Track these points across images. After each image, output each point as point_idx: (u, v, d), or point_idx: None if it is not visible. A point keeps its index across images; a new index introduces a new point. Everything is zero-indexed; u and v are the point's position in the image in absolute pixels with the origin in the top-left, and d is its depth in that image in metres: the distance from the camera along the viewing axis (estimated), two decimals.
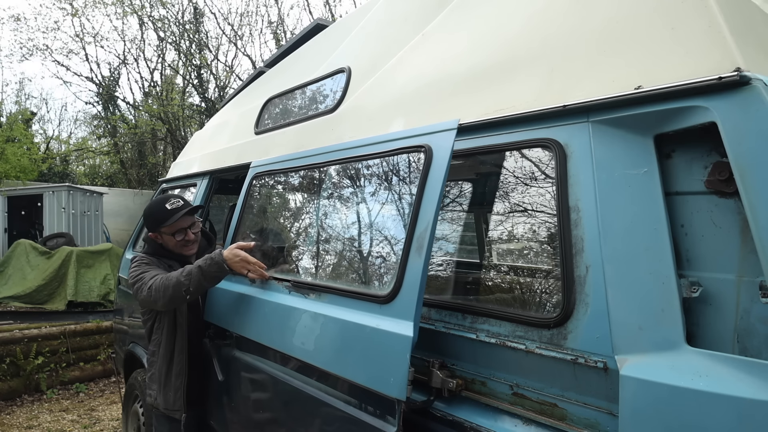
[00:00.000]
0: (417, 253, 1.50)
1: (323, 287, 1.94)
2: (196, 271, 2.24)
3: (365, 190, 1.97)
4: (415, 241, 1.52)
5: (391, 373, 1.46)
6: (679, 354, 1.13)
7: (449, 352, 1.60)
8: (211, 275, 2.25)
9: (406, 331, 1.45)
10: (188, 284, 2.23)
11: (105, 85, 19.82)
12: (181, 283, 2.24)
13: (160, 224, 2.49)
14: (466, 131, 1.64)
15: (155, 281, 2.29)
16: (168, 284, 2.26)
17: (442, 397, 1.54)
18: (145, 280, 2.33)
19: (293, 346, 1.96)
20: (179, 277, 2.26)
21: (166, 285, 2.26)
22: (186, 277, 2.24)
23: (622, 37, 1.33)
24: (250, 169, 2.70)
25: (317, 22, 3.31)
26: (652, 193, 1.25)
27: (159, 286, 2.27)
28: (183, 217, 2.48)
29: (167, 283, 2.26)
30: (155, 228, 2.54)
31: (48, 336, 6.05)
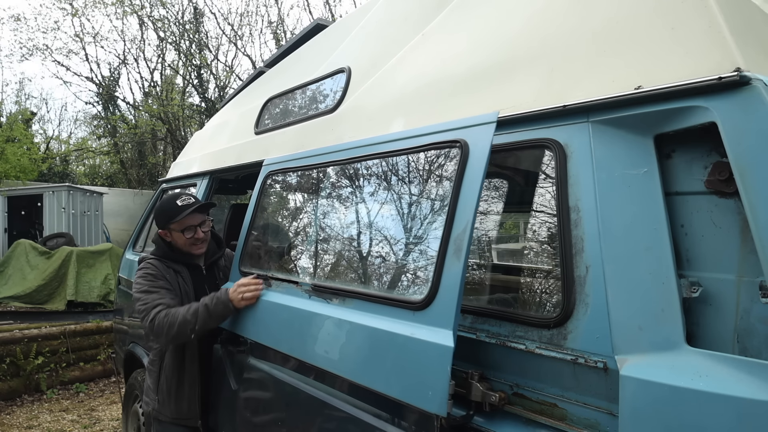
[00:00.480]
0: (455, 257, 1.41)
1: (348, 291, 1.83)
2: (202, 310, 2.20)
3: (390, 188, 1.86)
4: (452, 244, 1.43)
5: (429, 387, 1.36)
6: (679, 354, 1.13)
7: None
8: (218, 314, 2.22)
9: (445, 341, 1.35)
10: (194, 323, 2.19)
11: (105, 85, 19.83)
12: (187, 322, 2.19)
13: (170, 220, 2.43)
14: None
15: (159, 315, 2.20)
16: (173, 321, 2.18)
17: (482, 411, 1.43)
18: (148, 307, 2.25)
19: (315, 354, 1.86)
20: (185, 315, 2.20)
21: (171, 323, 2.18)
22: (192, 315, 2.19)
23: (622, 38, 1.33)
24: (263, 167, 2.59)
25: (317, 22, 3.31)
26: (652, 193, 1.25)
27: (163, 322, 2.19)
28: (193, 214, 2.42)
29: (172, 320, 2.18)
30: (165, 224, 2.47)
31: (48, 336, 6.05)
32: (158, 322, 2.18)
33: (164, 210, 2.49)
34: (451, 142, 1.56)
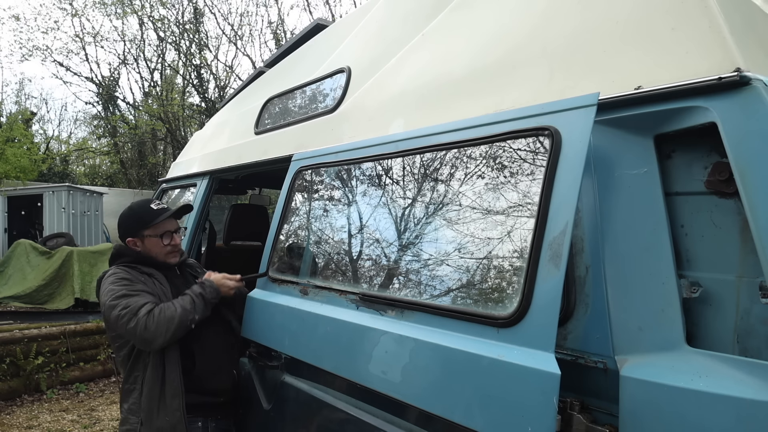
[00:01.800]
0: (552, 264, 1.20)
1: (407, 303, 1.59)
2: (198, 299, 2.05)
3: (458, 184, 1.60)
4: (547, 249, 1.22)
5: (527, 420, 1.16)
6: (679, 354, 1.13)
7: None
8: (212, 302, 2.11)
9: (546, 366, 1.14)
10: (194, 313, 2.02)
11: (105, 85, 19.83)
12: (187, 312, 2.00)
13: (145, 225, 2.20)
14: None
15: (153, 313, 1.95)
16: (172, 315, 1.96)
17: None
18: (131, 311, 1.95)
19: (368, 374, 1.63)
20: (183, 305, 2.01)
21: (170, 317, 1.96)
22: (190, 305, 2.02)
23: (622, 37, 1.33)
24: (292, 162, 2.38)
25: (317, 22, 3.31)
26: (652, 193, 1.24)
27: (160, 319, 1.94)
28: (170, 219, 2.25)
29: (170, 314, 1.96)
30: (137, 231, 2.22)
31: (48, 336, 6.05)
32: (153, 320, 1.94)
33: (136, 214, 2.25)
34: (538, 130, 1.35)
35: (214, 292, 2.13)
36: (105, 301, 2.02)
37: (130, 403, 2.12)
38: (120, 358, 2.16)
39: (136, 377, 2.11)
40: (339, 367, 1.77)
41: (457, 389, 1.34)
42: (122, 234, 2.27)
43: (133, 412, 2.10)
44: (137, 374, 2.11)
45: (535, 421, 1.15)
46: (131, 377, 2.13)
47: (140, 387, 2.09)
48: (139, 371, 2.11)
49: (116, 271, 2.13)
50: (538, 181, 1.32)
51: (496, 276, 1.42)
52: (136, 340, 1.99)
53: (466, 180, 1.58)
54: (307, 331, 1.94)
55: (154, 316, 1.95)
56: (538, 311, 1.21)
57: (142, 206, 2.28)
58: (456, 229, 1.57)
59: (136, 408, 2.10)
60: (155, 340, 1.95)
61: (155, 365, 2.08)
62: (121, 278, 2.08)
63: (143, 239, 2.23)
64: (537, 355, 1.18)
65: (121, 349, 2.14)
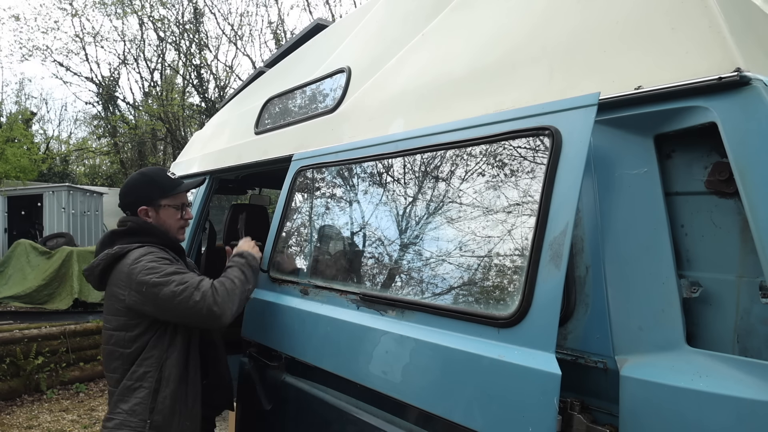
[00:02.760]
0: (552, 264, 1.20)
1: (407, 303, 1.59)
2: (247, 269, 1.93)
3: (457, 183, 1.60)
4: (547, 249, 1.23)
5: (528, 421, 1.16)
6: (679, 354, 1.13)
7: None
8: (257, 271, 1.99)
9: (547, 366, 1.15)
10: (249, 284, 1.90)
11: (105, 85, 19.83)
12: (244, 282, 1.87)
13: (164, 194, 1.98)
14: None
15: (215, 287, 1.78)
16: (233, 288, 1.82)
17: None
18: (191, 283, 1.77)
19: (368, 374, 1.63)
20: (237, 276, 1.87)
21: (232, 289, 1.81)
22: (243, 275, 1.89)
23: (622, 37, 1.33)
24: (293, 162, 2.36)
25: (317, 22, 3.31)
26: (652, 193, 1.24)
27: (225, 292, 1.78)
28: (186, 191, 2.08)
29: (230, 286, 1.81)
30: (154, 199, 1.98)
31: (48, 336, 6.05)
32: (219, 293, 1.76)
33: (154, 181, 2.00)
34: (538, 130, 1.35)
35: (255, 260, 2.01)
36: (148, 278, 1.77)
37: (132, 404, 1.85)
38: (124, 351, 1.86)
39: (145, 374, 1.86)
40: (339, 367, 1.76)
41: (458, 389, 1.34)
42: (133, 201, 1.99)
43: (137, 414, 1.84)
44: (148, 371, 1.86)
45: (536, 421, 1.14)
46: (137, 374, 1.86)
47: (151, 385, 1.86)
48: (150, 368, 1.87)
49: (150, 249, 1.87)
50: (538, 181, 1.32)
51: (496, 276, 1.42)
52: (201, 317, 1.76)
53: (466, 180, 1.58)
54: (308, 331, 1.94)
55: (217, 289, 1.78)
56: (539, 311, 1.21)
57: (158, 173, 2.05)
58: (456, 229, 1.57)
59: (141, 409, 1.85)
60: (224, 315, 1.77)
61: (178, 363, 1.90)
62: (160, 257, 1.86)
63: (158, 209, 1.99)
64: (537, 356, 1.18)
65: (133, 341, 1.86)
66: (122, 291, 1.82)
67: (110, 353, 1.89)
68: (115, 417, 1.87)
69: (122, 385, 1.88)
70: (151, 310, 1.82)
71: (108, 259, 1.86)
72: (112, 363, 1.90)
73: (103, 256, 1.88)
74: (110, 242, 1.93)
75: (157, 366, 1.88)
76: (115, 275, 1.86)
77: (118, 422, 1.85)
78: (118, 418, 1.86)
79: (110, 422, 1.87)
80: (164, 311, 1.80)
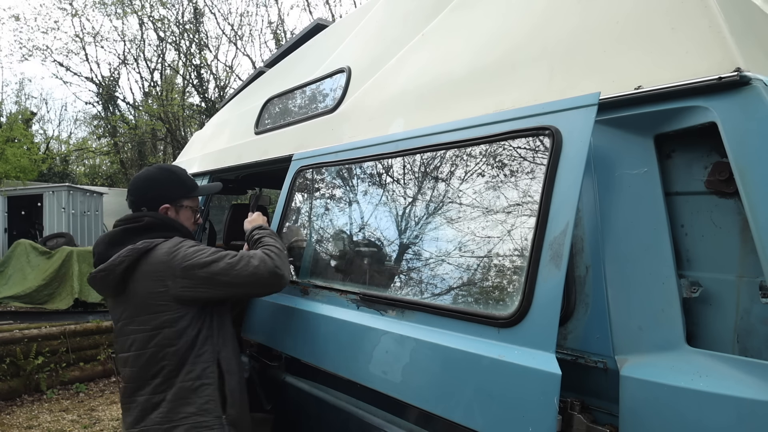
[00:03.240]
0: (553, 264, 1.20)
1: (407, 303, 1.59)
2: (274, 235, 1.96)
3: (457, 183, 1.59)
4: (548, 248, 1.23)
5: (528, 421, 1.16)
6: (679, 354, 1.13)
7: None
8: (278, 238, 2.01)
9: (547, 366, 1.14)
10: (285, 249, 1.92)
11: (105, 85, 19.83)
12: (282, 247, 1.89)
13: (188, 194, 1.96)
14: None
15: (264, 255, 1.76)
16: (279, 252, 1.81)
17: None
18: (242, 254, 1.76)
19: (369, 374, 1.63)
20: (274, 242, 1.89)
21: (278, 252, 1.80)
22: (275, 239, 1.92)
23: (622, 37, 1.33)
24: (293, 162, 2.37)
25: (317, 22, 3.32)
26: (652, 193, 1.24)
27: (275, 256, 1.77)
28: None
29: (276, 250, 1.81)
30: (178, 198, 1.93)
31: (48, 336, 6.05)
32: (272, 258, 1.75)
33: (179, 179, 1.96)
34: (538, 129, 1.35)
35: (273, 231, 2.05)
36: (196, 260, 1.70)
37: (200, 403, 1.74)
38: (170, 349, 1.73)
39: (204, 371, 1.76)
40: (339, 367, 1.76)
41: (458, 389, 1.33)
42: (155, 197, 1.89)
43: (209, 411, 1.74)
44: (206, 367, 1.77)
45: (536, 421, 1.14)
46: (194, 372, 1.75)
47: (215, 381, 1.78)
48: (208, 363, 1.77)
49: (180, 239, 1.80)
50: (538, 181, 1.32)
51: (496, 276, 1.42)
52: (265, 281, 1.72)
53: (466, 180, 1.58)
54: (308, 331, 1.94)
55: (268, 254, 1.77)
56: (539, 311, 1.21)
57: (183, 171, 2.00)
58: (456, 229, 1.56)
59: (213, 406, 1.75)
60: (285, 274, 1.76)
61: (233, 354, 1.88)
62: (197, 245, 1.79)
63: (179, 209, 1.94)
64: (538, 356, 1.18)
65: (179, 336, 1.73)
66: (163, 283, 1.71)
67: (152, 356, 1.74)
68: (182, 423, 1.71)
69: (178, 387, 1.73)
70: (206, 290, 1.72)
71: (135, 254, 1.72)
72: (153, 367, 1.74)
73: (127, 252, 1.72)
74: (121, 240, 1.79)
75: (213, 359, 1.80)
76: (145, 270, 1.72)
77: (188, 426, 1.71)
78: (186, 422, 1.71)
79: (177, 430, 1.71)
80: (224, 286, 1.71)
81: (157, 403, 1.74)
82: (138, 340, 1.75)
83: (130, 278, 1.74)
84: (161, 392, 1.74)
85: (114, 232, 1.83)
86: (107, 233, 1.86)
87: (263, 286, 1.76)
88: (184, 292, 1.72)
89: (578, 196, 1.21)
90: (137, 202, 1.91)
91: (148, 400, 1.75)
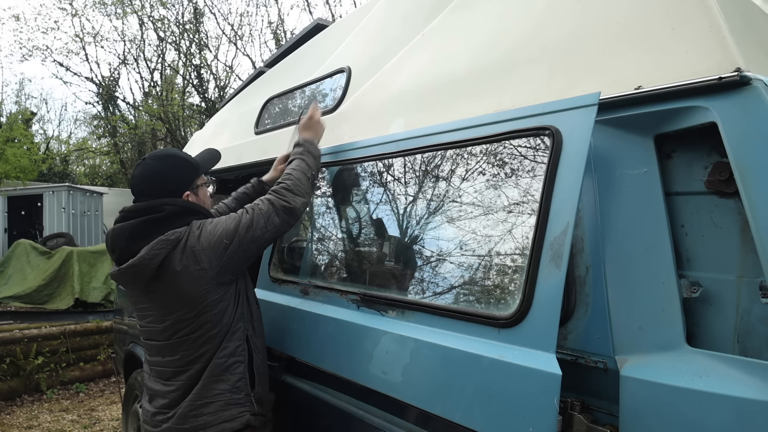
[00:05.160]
0: (553, 264, 1.20)
1: (407, 303, 1.59)
2: (308, 156, 1.92)
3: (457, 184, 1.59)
4: (548, 249, 1.22)
5: (528, 421, 1.15)
6: (679, 354, 1.13)
7: None
8: (317, 156, 1.98)
9: (547, 366, 1.14)
10: (315, 170, 1.92)
11: (105, 85, 19.83)
12: (306, 169, 1.88)
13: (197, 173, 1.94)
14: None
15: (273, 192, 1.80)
16: (296, 182, 1.82)
17: None
18: (254, 205, 1.78)
19: (369, 375, 1.63)
20: (299, 167, 1.87)
21: (295, 183, 1.82)
22: (307, 162, 1.90)
23: (622, 37, 1.33)
24: None
25: (317, 22, 3.32)
26: (652, 193, 1.24)
27: (286, 190, 1.79)
28: None
29: (294, 181, 1.82)
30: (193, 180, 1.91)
31: (48, 336, 6.05)
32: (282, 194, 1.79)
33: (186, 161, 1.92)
34: (539, 129, 1.35)
35: (313, 146, 1.99)
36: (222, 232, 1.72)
37: (234, 380, 1.78)
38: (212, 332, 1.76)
39: (237, 348, 1.80)
40: (339, 367, 1.76)
41: (458, 389, 1.33)
42: (175, 189, 1.84)
43: (240, 389, 1.79)
44: (239, 345, 1.81)
45: (536, 421, 1.14)
46: (228, 349, 1.78)
47: (245, 358, 1.81)
48: (240, 341, 1.81)
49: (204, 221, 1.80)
50: (538, 181, 1.32)
51: (496, 276, 1.42)
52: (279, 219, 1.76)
53: (466, 180, 1.58)
54: (308, 331, 1.93)
55: (279, 190, 1.80)
56: (539, 311, 1.21)
57: (180, 153, 1.98)
58: (457, 229, 1.56)
59: (244, 384, 1.80)
60: (297, 207, 1.79)
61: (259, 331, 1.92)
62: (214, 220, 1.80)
63: (197, 190, 1.92)
64: (538, 356, 1.18)
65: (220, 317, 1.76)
66: (200, 266, 1.70)
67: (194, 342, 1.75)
68: (215, 399, 1.75)
69: (213, 364, 1.75)
70: (241, 255, 1.75)
71: (169, 247, 1.69)
72: (196, 351, 1.76)
73: (161, 245, 1.68)
74: (145, 233, 1.72)
75: (243, 337, 1.83)
76: (179, 260, 1.69)
77: (222, 403, 1.75)
78: (220, 399, 1.75)
79: (210, 406, 1.74)
80: (251, 242, 1.74)
81: (193, 385, 1.77)
82: (179, 330, 1.75)
83: (165, 271, 1.70)
84: (198, 374, 1.77)
85: (134, 225, 1.74)
86: (124, 226, 1.75)
87: (280, 224, 1.78)
88: (223, 267, 1.73)
89: (578, 196, 1.21)
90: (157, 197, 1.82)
91: (184, 385, 1.78)
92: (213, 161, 2.13)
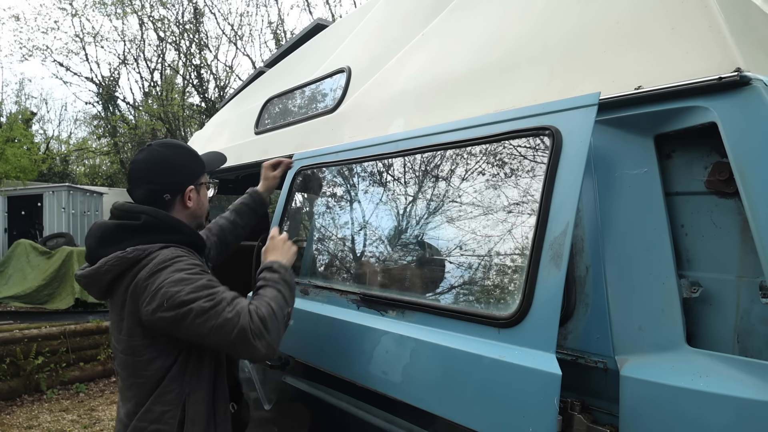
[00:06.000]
0: (553, 264, 1.20)
1: (407, 303, 1.58)
2: (284, 287, 1.54)
3: (457, 184, 1.58)
4: (548, 249, 1.22)
5: (528, 421, 1.15)
6: (679, 354, 1.13)
7: None
8: (294, 287, 1.62)
9: (547, 366, 1.14)
10: (288, 306, 1.53)
11: (105, 85, 19.82)
12: (283, 305, 1.49)
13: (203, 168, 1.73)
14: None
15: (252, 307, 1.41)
16: (271, 315, 1.42)
17: None
18: (225, 300, 1.40)
19: (369, 375, 1.62)
20: (273, 297, 1.49)
21: (270, 314, 1.42)
22: (279, 293, 1.51)
23: (622, 38, 1.33)
24: (293, 162, 2.36)
25: (317, 22, 3.32)
26: (652, 193, 1.24)
27: (266, 315, 1.40)
28: None
29: (268, 311, 1.42)
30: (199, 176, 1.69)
31: (48, 336, 6.05)
32: (260, 316, 1.39)
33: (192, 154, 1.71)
34: (539, 129, 1.34)
35: (289, 273, 1.62)
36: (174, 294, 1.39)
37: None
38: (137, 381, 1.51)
39: (163, 415, 1.49)
40: (340, 368, 1.76)
41: (458, 389, 1.33)
42: (179, 181, 1.63)
43: None
44: (166, 411, 1.49)
45: (536, 421, 1.14)
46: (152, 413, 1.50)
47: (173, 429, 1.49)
48: (169, 406, 1.50)
49: (176, 252, 1.50)
50: (538, 181, 1.32)
51: (496, 276, 1.41)
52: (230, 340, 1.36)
53: (466, 180, 1.57)
54: (308, 332, 1.93)
55: (256, 310, 1.40)
56: (539, 311, 1.21)
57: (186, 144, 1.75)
58: (457, 229, 1.56)
59: None
60: (266, 346, 1.39)
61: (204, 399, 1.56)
62: (191, 264, 1.48)
63: (200, 188, 1.69)
64: (538, 356, 1.17)
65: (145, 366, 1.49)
66: (135, 303, 1.47)
67: (125, 380, 1.54)
68: None
69: (132, 426, 1.49)
70: (174, 330, 1.44)
71: (122, 266, 1.48)
72: (129, 387, 1.54)
73: (114, 260, 1.48)
74: (116, 239, 1.53)
75: (178, 404, 1.50)
76: (127, 284, 1.48)
77: None
78: None
79: None
80: (189, 331, 1.41)
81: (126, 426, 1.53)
82: (119, 361, 1.57)
83: (117, 288, 1.52)
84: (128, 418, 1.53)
85: (108, 227, 1.56)
86: (100, 225, 1.59)
87: (230, 346, 1.38)
88: (149, 323, 1.46)
89: (578, 196, 1.21)
90: (160, 191, 1.60)
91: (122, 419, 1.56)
92: (218, 162, 2.03)
